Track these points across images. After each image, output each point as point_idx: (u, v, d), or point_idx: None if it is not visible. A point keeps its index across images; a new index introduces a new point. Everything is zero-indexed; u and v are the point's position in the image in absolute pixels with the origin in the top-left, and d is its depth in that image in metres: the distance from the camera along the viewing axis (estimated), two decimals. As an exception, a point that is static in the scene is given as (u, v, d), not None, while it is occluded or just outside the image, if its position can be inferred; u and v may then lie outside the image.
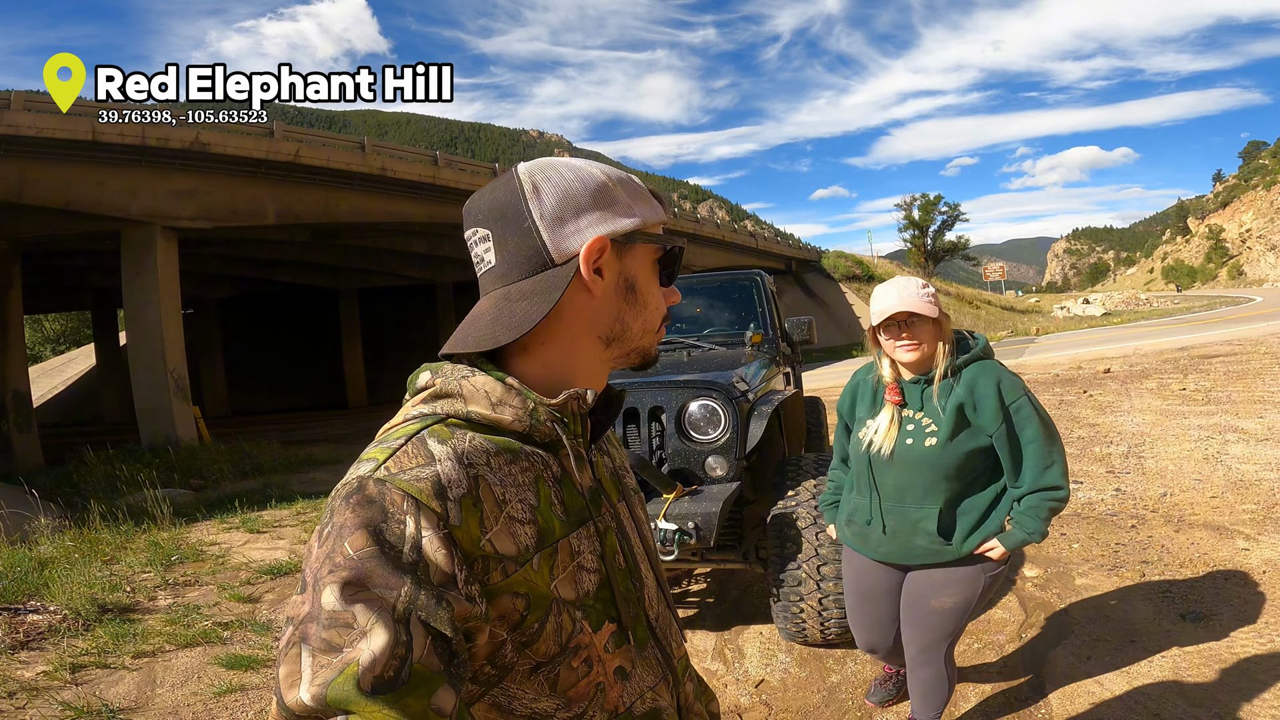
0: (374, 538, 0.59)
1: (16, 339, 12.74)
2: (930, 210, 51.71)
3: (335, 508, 0.62)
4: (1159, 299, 59.64)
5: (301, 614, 0.58)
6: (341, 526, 0.60)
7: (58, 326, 44.65)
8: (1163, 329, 21.83)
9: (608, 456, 0.88)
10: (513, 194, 0.76)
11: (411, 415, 0.72)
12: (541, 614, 0.67)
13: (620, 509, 0.84)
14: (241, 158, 13.26)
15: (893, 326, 2.01)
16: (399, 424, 0.72)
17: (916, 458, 2.01)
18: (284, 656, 0.57)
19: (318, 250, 20.61)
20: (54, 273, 19.93)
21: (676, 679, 0.84)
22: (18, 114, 10.66)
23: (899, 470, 2.04)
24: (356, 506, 0.61)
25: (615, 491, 0.85)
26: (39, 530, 5.71)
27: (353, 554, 0.58)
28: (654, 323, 0.82)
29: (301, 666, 0.55)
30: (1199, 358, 12.38)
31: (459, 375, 0.74)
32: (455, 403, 0.72)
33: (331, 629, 0.56)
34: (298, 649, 0.56)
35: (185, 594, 4.50)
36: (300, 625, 0.57)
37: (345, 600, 0.56)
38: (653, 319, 0.82)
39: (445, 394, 0.73)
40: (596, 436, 0.83)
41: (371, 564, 0.58)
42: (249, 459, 10.60)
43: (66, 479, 9.73)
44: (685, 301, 4.54)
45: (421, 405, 0.73)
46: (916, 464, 2.01)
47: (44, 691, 3.05)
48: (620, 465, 0.91)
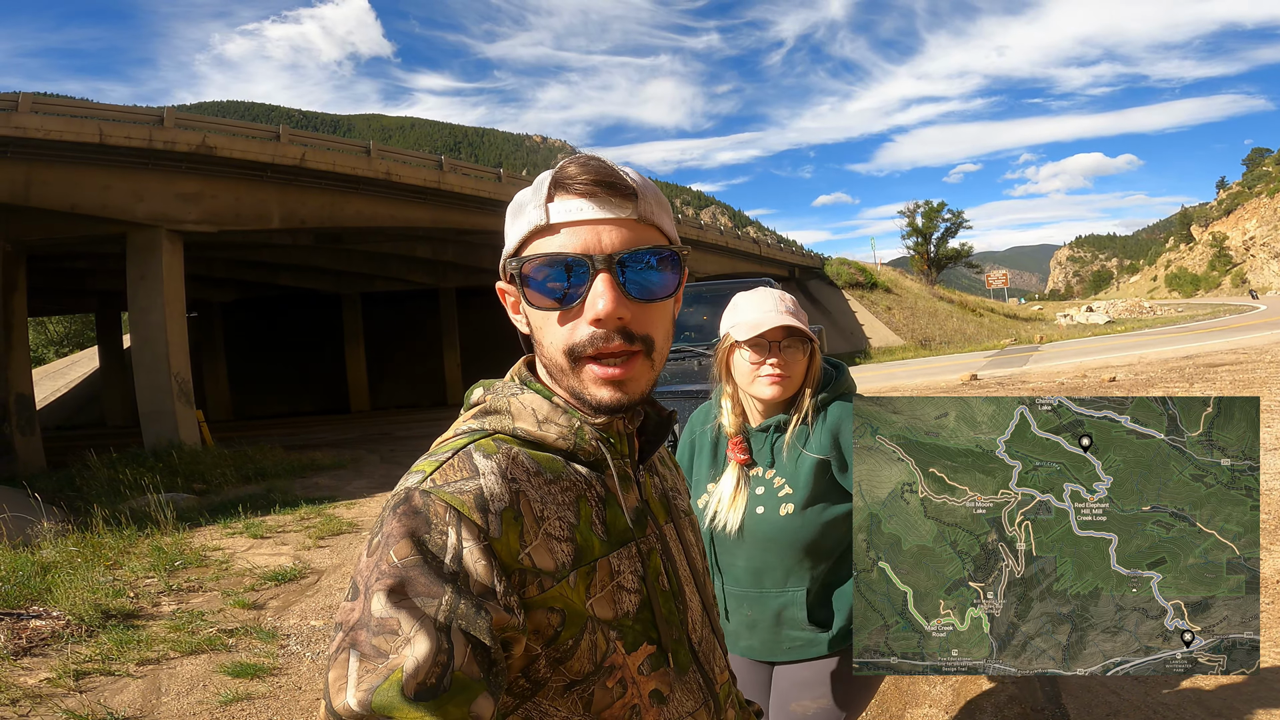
0: (417, 547, 0.61)
1: (20, 341, 12.73)
2: (933, 217, 51.73)
3: (384, 518, 0.64)
4: (1163, 307, 59.58)
5: (351, 620, 0.59)
6: (388, 536, 0.62)
7: (61, 329, 44.76)
8: (1167, 337, 21.78)
9: (658, 477, 0.87)
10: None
11: (461, 430, 0.74)
12: (576, 631, 0.67)
13: (667, 530, 0.83)
14: (247, 161, 13.28)
15: (761, 346, 1.55)
16: (450, 438, 0.73)
17: (770, 531, 1.55)
18: (334, 661, 0.58)
19: (322, 254, 20.65)
20: (59, 275, 19.98)
21: (718, 705, 0.83)
22: (25, 116, 10.67)
23: (750, 548, 1.59)
24: (403, 516, 0.63)
25: (664, 513, 0.84)
26: (41, 534, 5.69)
27: (397, 561, 0.60)
28: (559, 360, 0.72)
29: (349, 671, 0.56)
30: (1204, 366, 12.34)
31: (509, 392, 0.76)
32: (503, 419, 0.73)
33: (379, 635, 0.57)
34: (347, 654, 0.57)
35: (189, 600, 4.48)
36: (351, 631, 0.58)
37: (391, 606, 0.58)
38: (555, 356, 0.73)
39: (494, 410, 0.74)
40: (645, 457, 0.82)
41: (414, 572, 0.59)
42: (252, 463, 10.59)
43: (69, 482, 9.72)
44: (692, 309, 4.52)
45: (472, 420, 0.75)
46: (771, 539, 1.56)
47: (47, 699, 3.03)
48: (672, 486, 0.90)
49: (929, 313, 35.85)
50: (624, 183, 0.70)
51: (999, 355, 22.11)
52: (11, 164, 10.92)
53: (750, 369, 1.56)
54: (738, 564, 1.62)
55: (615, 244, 0.69)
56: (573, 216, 0.69)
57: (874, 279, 36.66)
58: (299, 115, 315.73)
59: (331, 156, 14.72)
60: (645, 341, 0.72)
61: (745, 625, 1.64)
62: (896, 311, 34.54)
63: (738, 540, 1.59)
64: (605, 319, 0.68)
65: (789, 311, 1.56)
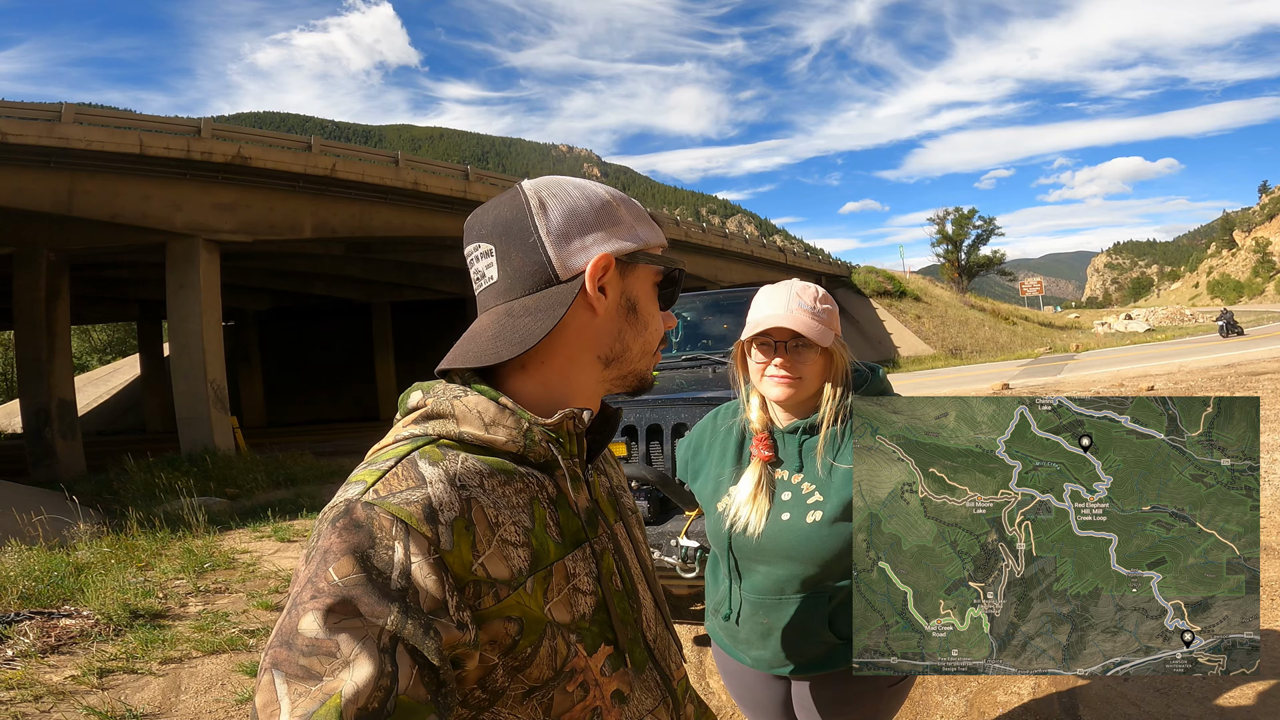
0: (360, 564, 0.58)
1: (63, 349, 13.12)
2: (964, 224, 51.02)
3: (322, 531, 0.61)
4: (1205, 314, 58.02)
5: (280, 640, 0.56)
6: (326, 551, 0.58)
7: (104, 336, 46.02)
8: (1209, 345, 21.22)
9: (605, 476, 0.87)
10: (519, 209, 0.76)
11: (402, 436, 0.71)
12: (535, 638, 0.66)
13: (617, 529, 0.83)
14: (280, 171, 13.57)
15: (767, 345, 1.47)
16: (389, 445, 0.71)
17: (796, 539, 1.42)
18: (259, 685, 0.55)
19: (352, 264, 21.00)
20: (101, 284, 20.55)
21: (676, 701, 0.83)
22: (68, 126, 10.97)
23: (772, 556, 1.46)
24: (343, 531, 0.59)
25: (612, 512, 0.84)
26: (77, 536, 5.86)
27: (338, 580, 0.57)
28: (652, 345, 0.83)
29: (278, 695, 0.53)
30: (1247, 375, 11.99)
31: (451, 395, 0.72)
32: (447, 423, 0.70)
33: (311, 656, 0.54)
34: (270, 675, 0.54)
35: (215, 601, 4.56)
36: (271, 650, 0.56)
37: (329, 628, 0.55)
38: (651, 341, 0.83)
39: (437, 414, 0.71)
40: (593, 456, 0.82)
41: (357, 591, 0.56)
42: (283, 469, 10.79)
43: (107, 486, 9.99)
44: (711, 318, 4.51)
45: (413, 426, 0.72)
46: (796, 547, 1.43)
47: (70, 695, 3.10)
48: (618, 485, 0.90)
49: (960, 321, 35.33)
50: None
51: (1033, 364, 21.70)
52: (55, 174, 11.26)
53: (758, 368, 1.49)
54: (757, 570, 1.50)
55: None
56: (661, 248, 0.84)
57: (903, 287, 36.24)
58: (332, 126, 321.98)
59: (361, 167, 14.99)
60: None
61: (759, 634, 1.51)
62: (926, 320, 34.09)
63: (759, 546, 1.46)
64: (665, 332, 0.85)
65: (802, 309, 1.44)
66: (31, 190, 11.10)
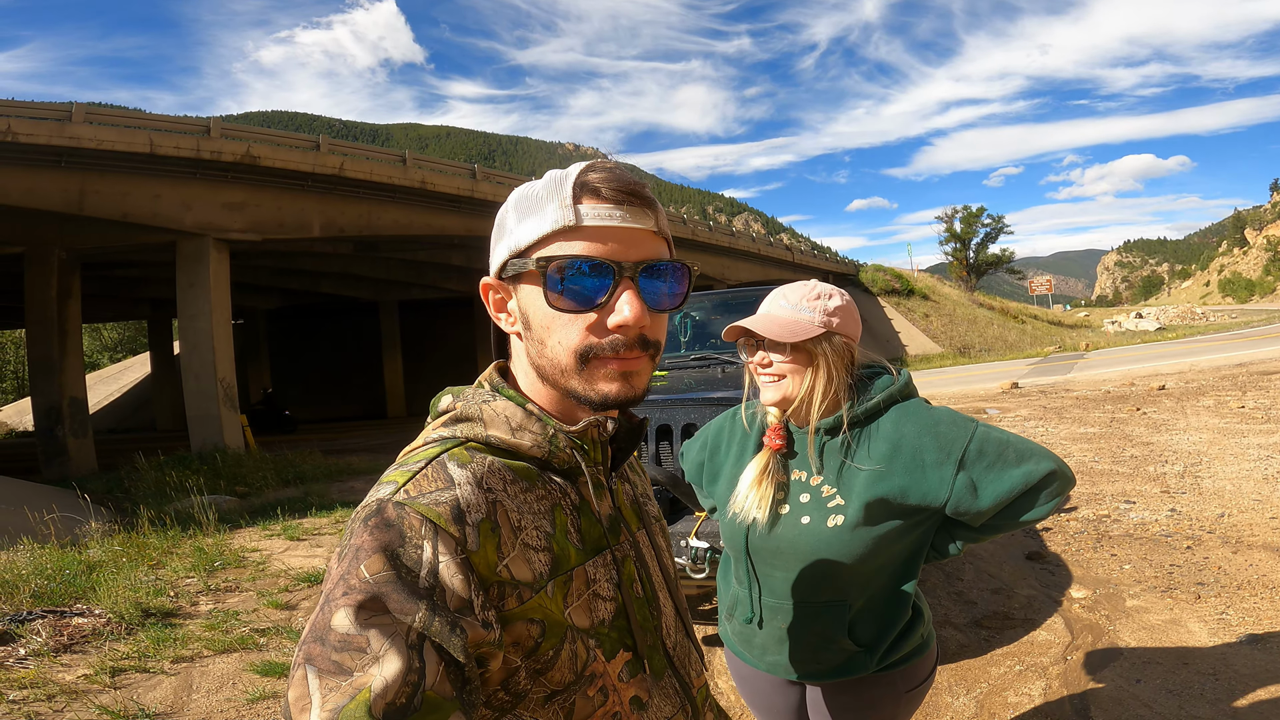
0: (391, 562, 0.59)
1: (75, 347, 13.20)
2: (973, 222, 50.74)
3: (354, 529, 0.62)
4: (1216, 312, 57.59)
5: (314, 635, 0.57)
6: (358, 549, 0.60)
7: (115, 335, 46.32)
8: (1220, 344, 21.04)
9: (629, 484, 0.87)
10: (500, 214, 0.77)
11: (432, 438, 0.72)
12: (556, 641, 0.67)
13: (640, 537, 0.83)
14: (289, 171, 13.62)
15: (750, 345, 1.43)
16: (419, 447, 0.72)
17: (815, 543, 1.37)
18: (292, 679, 0.56)
19: (360, 263, 21.06)
20: (112, 283, 20.68)
21: (695, 709, 0.83)
22: (79, 126, 11.03)
23: (791, 560, 1.41)
24: (375, 529, 0.61)
25: (635, 519, 0.84)
26: (89, 534, 5.89)
27: (369, 577, 0.58)
28: (563, 361, 0.70)
29: (309, 690, 0.54)
30: (1259, 374, 11.88)
31: (480, 399, 0.74)
32: (475, 426, 0.72)
33: (343, 652, 0.55)
34: (303, 670, 0.55)
35: (226, 600, 4.58)
36: (304, 646, 0.57)
37: (359, 624, 0.56)
38: (560, 356, 0.71)
39: (466, 418, 0.73)
40: (617, 464, 0.81)
41: (387, 588, 0.58)
42: (292, 467, 10.82)
43: (118, 484, 10.05)
44: (718, 317, 4.49)
45: (442, 428, 0.73)
46: (815, 551, 1.38)
47: (83, 695, 3.11)
48: (643, 493, 0.90)
49: (968, 320, 35.16)
50: (647, 194, 0.71)
51: (1042, 363, 21.56)
52: (66, 174, 11.33)
53: (752, 368, 1.44)
54: (776, 575, 1.45)
55: (642, 254, 0.70)
56: (603, 222, 0.68)
57: (911, 286, 36.09)
58: (339, 125, 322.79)
59: (369, 166, 15.02)
60: (655, 347, 0.72)
61: (776, 639, 1.47)
62: (934, 319, 33.94)
63: (777, 550, 1.41)
64: (631, 326, 0.69)
65: (782, 307, 1.39)
66: (43, 190, 11.18)
